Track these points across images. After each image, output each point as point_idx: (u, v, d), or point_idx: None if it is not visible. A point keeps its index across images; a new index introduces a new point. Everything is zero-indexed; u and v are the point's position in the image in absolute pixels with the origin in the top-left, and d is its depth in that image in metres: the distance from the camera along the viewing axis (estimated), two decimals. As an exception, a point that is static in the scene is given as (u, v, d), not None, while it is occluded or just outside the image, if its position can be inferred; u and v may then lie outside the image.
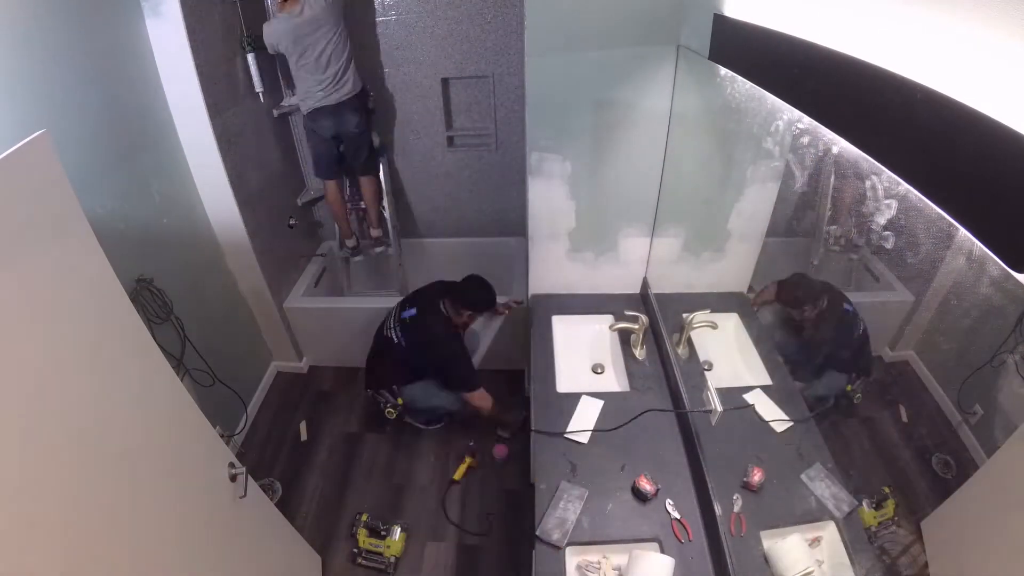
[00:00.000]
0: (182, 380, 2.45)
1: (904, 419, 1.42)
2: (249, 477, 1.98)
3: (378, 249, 3.93)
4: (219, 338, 3.02)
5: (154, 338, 1.67)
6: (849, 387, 1.63)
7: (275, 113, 3.43)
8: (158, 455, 1.63)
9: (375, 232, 3.87)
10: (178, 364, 2.52)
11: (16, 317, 1.18)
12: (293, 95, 3.44)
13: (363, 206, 3.81)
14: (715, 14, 1.56)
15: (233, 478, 1.92)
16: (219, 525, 1.89)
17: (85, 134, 2.16)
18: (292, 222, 3.69)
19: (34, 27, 1.91)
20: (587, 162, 2.27)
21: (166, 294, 2.50)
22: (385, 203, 3.76)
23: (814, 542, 1.52)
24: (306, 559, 2.56)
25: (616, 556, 1.68)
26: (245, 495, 1.95)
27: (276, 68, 3.44)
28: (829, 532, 1.53)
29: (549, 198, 2.38)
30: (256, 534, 2.14)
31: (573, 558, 1.69)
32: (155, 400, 1.67)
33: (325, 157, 3.47)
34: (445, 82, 3.53)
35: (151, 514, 1.56)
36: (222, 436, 2.13)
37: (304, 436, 3.38)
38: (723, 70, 1.58)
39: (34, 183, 1.24)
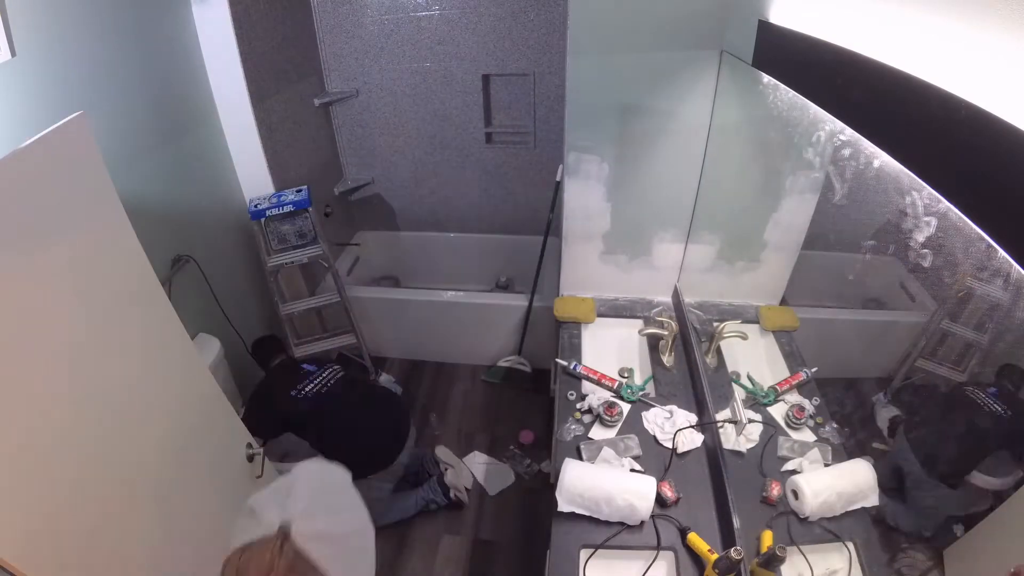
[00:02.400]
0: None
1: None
2: (265, 458, 2.02)
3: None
4: (251, 320, 3.07)
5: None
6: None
7: (316, 102, 3.48)
8: (179, 431, 1.68)
9: None
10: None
11: (49, 293, 1.22)
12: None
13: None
14: (760, 20, 1.53)
15: (250, 458, 1.96)
16: (235, 504, 1.90)
17: (128, 115, 2.21)
18: (328, 210, 3.73)
19: (83, 11, 1.96)
20: (625, 165, 2.25)
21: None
22: None
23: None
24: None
25: (627, 563, 1.66)
26: (261, 475, 1.99)
27: (318, 56, 3.49)
28: (846, 554, 1.50)
29: (585, 199, 2.37)
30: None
31: (587, 560, 1.69)
32: (178, 378, 1.72)
33: None
34: (486, 78, 3.53)
35: (171, 489, 1.60)
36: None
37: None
38: (766, 77, 1.56)
39: (71, 162, 1.28)
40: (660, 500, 1.77)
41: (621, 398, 2.15)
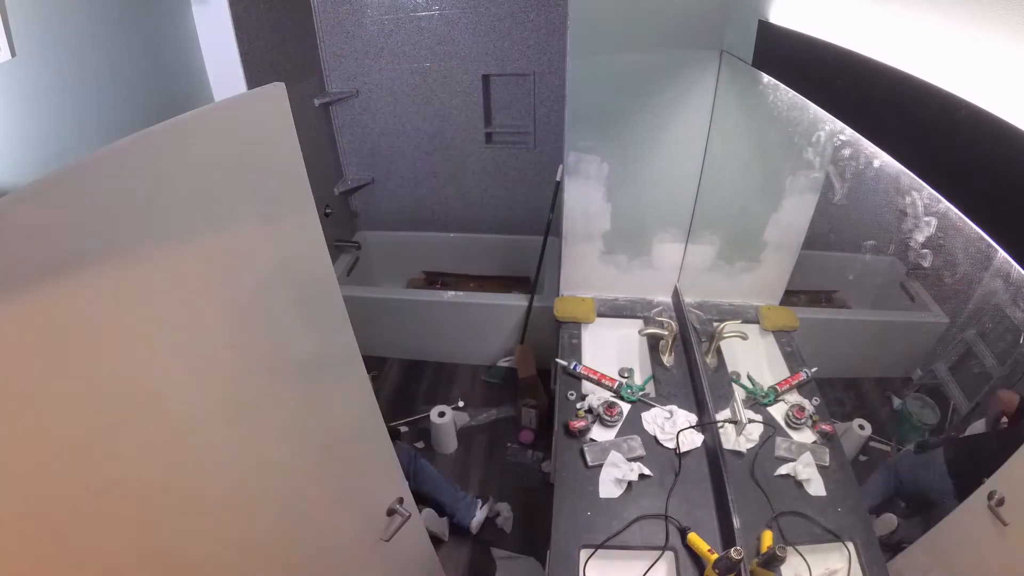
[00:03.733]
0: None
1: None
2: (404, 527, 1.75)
3: None
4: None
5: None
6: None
7: (316, 102, 3.48)
8: (330, 455, 1.51)
9: None
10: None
11: (233, 273, 1.13)
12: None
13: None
14: (760, 20, 1.53)
15: (390, 513, 1.72)
16: (346, 556, 1.69)
17: (128, 115, 2.21)
18: (328, 211, 3.73)
19: (83, 11, 1.96)
20: (625, 165, 2.25)
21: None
22: None
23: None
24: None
25: (627, 563, 1.66)
26: (389, 540, 1.72)
27: (318, 56, 3.49)
28: (846, 554, 1.50)
29: (585, 199, 2.37)
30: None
31: (587, 560, 1.69)
32: (348, 399, 1.55)
33: None
34: (486, 79, 3.53)
35: (290, 512, 1.44)
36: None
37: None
38: (766, 77, 1.56)
39: (268, 132, 1.15)
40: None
41: (621, 398, 2.15)
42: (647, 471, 1.88)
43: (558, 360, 2.31)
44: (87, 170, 0.85)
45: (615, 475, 1.85)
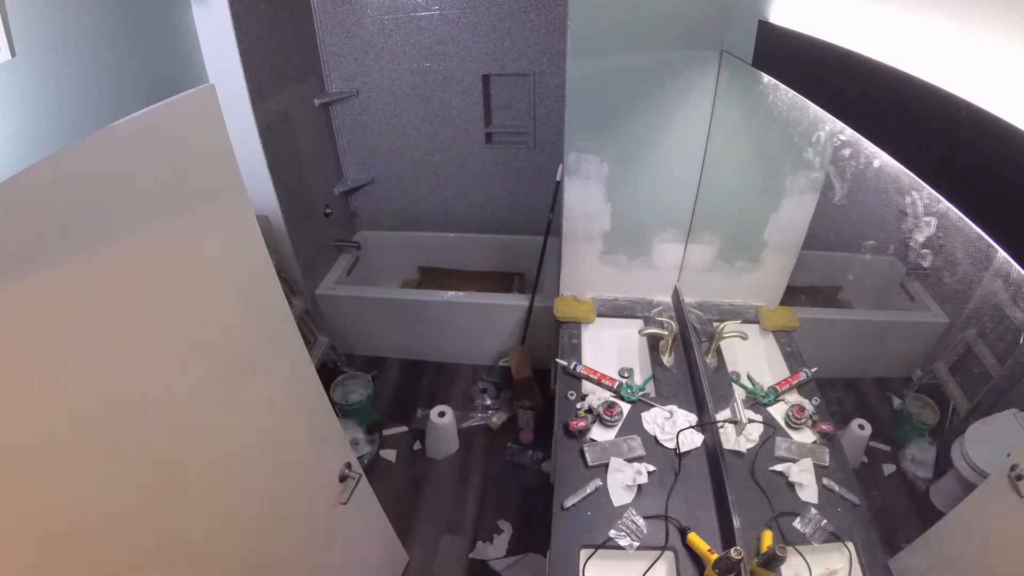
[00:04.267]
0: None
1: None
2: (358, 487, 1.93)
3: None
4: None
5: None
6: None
7: (316, 102, 3.48)
8: (280, 435, 1.62)
9: None
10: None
11: (171, 270, 1.18)
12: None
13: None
14: (760, 20, 1.53)
15: (342, 478, 1.89)
16: (310, 524, 1.83)
17: (127, 115, 2.20)
18: (328, 211, 3.73)
19: (83, 11, 1.96)
20: (625, 165, 2.25)
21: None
22: None
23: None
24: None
25: (627, 563, 1.66)
26: (347, 503, 1.90)
27: (318, 56, 3.49)
28: (846, 554, 1.50)
29: (585, 199, 2.37)
30: (347, 538, 2.10)
31: (587, 560, 1.69)
32: (288, 378, 1.64)
33: None
34: (486, 79, 3.53)
35: (252, 493, 1.55)
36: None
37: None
38: (766, 77, 1.56)
39: (197, 135, 1.21)
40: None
41: (621, 398, 2.15)
42: (650, 467, 1.88)
43: (558, 360, 2.31)
44: (20, 183, 0.88)
45: (623, 481, 1.85)
